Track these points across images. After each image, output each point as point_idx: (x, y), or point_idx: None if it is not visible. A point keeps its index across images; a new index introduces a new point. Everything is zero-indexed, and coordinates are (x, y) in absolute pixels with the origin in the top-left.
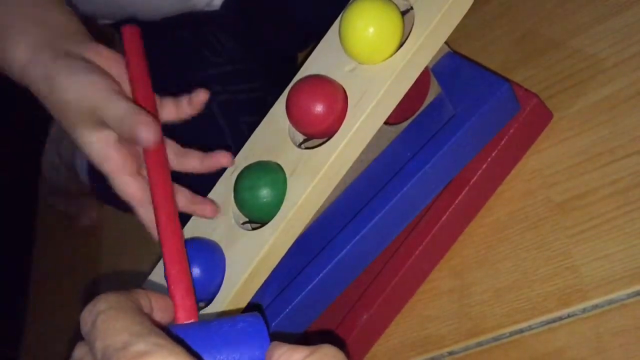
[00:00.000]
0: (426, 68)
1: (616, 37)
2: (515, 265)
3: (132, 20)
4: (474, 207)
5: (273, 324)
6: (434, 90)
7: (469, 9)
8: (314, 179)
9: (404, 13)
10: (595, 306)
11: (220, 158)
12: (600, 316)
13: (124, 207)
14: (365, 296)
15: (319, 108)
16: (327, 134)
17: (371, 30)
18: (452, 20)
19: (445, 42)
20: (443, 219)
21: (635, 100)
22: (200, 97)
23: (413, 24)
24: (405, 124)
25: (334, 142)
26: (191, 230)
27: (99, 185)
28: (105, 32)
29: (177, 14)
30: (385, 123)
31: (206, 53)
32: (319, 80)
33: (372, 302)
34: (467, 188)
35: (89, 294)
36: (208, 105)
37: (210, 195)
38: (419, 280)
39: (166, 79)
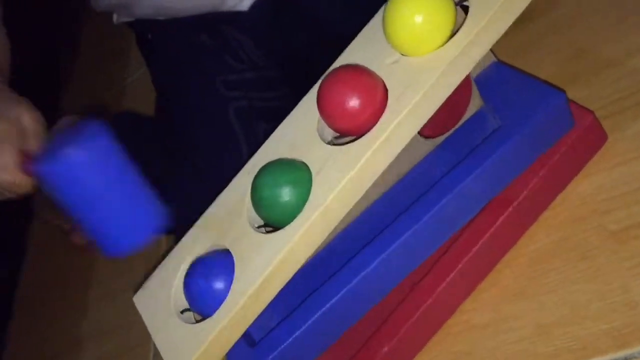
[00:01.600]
0: (468, 77)
1: None
2: (562, 299)
3: (149, 21)
4: (515, 232)
5: (276, 352)
6: (476, 102)
7: (513, 26)
8: (343, 178)
9: (457, 4)
10: None
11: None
12: None
13: None
14: (387, 325)
15: (354, 100)
16: (362, 131)
17: (419, 17)
18: (509, 14)
19: (491, 51)
20: (480, 243)
21: None
22: None
23: (465, 17)
24: (441, 138)
25: (370, 138)
26: (200, 231)
27: None
28: (122, 32)
29: (202, 13)
30: (421, 136)
31: (227, 58)
32: (356, 70)
33: (394, 333)
34: (509, 209)
35: (79, 313)
36: (224, 110)
37: (224, 194)
38: (448, 311)
39: (186, 84)
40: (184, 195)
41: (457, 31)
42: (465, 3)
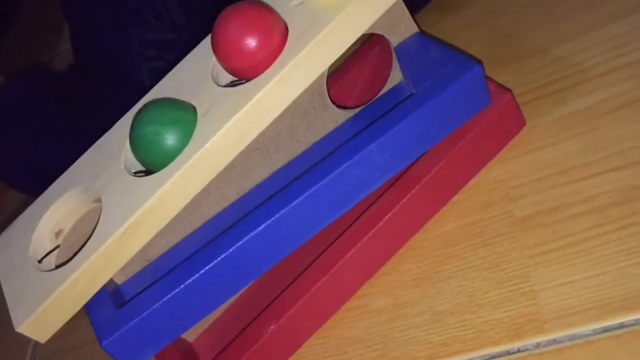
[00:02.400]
0: (390, 48)
1: (605, 46)
2: (461, 286)
3: None
4: (421, 214)
5: (141, 316)
6: (397, 73)
7: (444, 13)
8: (229, 119)
9: None
10: (553, 341)
11: None
12: (557, 353)
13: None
14: (277, 303)
15: (249, 38)
16: (258, 74)
17: None
18: None
19: (416, 23)
20: (383, 220)
21: (618, 113)
22: None
23: None
24: (357, 109)
25: (262, 79)
26: (71, 174)
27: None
28: None
29: None
30: (337, 106)
31: (148, 15)
32: (253, 7)
33: (283, 311)
34: (417, 187)
35: None
36: (138, 68)
37: (104, 137)
38: (344, 293)
39: (100, 38)
40: (80, 151)
41: None
42: None
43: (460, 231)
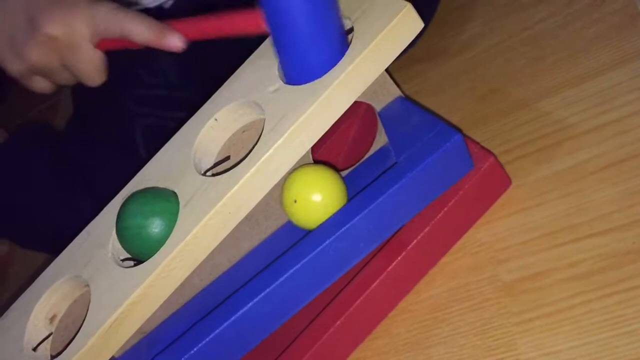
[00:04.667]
0: (374, 113)
1: (589, 102)
2: (450, 353)
3: None
4: (410, 278)
5: None
6: (381, 138)
7: (431, 63)
8: (209, 211)
9: (348, 32)
10: None
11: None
12: None
13: (29, 243)
14: None
15: None
16: None
17: None
18: (393, 46)
19: (399, 87)
20: (372, 287)
21: (604, 173)
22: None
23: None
24: (344, 173)
25: (239, 170)
26: (62, 261)
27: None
28: None
29: None
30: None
31: (140, 71)
32: None
33: None
34: (403, 253)
35: None
36: (130, 126)
37: (92, 224)
38: (339, 356)
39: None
40: (73, 214)
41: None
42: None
43: (449, 294)
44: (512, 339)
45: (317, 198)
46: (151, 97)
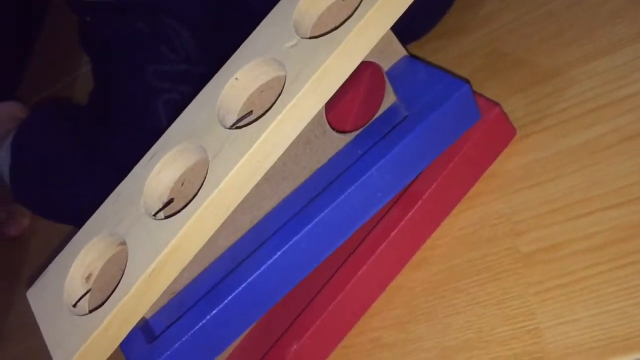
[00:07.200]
0: (382, 73)
1: (606, 77)
2: (469, 322)
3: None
4: (427, 227)
5: (173, 348)
6: (389, 97)
7: (449, 40)
8: (240, 159)
9: None
10: None
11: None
12: None
13: (52, 214)
14: (295, 325)
15: None
16: None
17: None
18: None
19: (405, 48)
20: (392, 235)
21: (621, 146)
22: None
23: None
24: (355, 133)
25: (266, 120)
26: (95, 221)
27: (22, 190)
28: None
29: None
30: (336, 131)
31: (162, 47)
32: None
33: (303, 332)
34: (419, 202)
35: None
36: (153, 101)
37: (123, 184)
38: (361, 308)
39: (116, 71)
40: (98, 187)
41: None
42: None
43: (468, 265)
44: (531, 309)
45: None
46: (173, 73)
